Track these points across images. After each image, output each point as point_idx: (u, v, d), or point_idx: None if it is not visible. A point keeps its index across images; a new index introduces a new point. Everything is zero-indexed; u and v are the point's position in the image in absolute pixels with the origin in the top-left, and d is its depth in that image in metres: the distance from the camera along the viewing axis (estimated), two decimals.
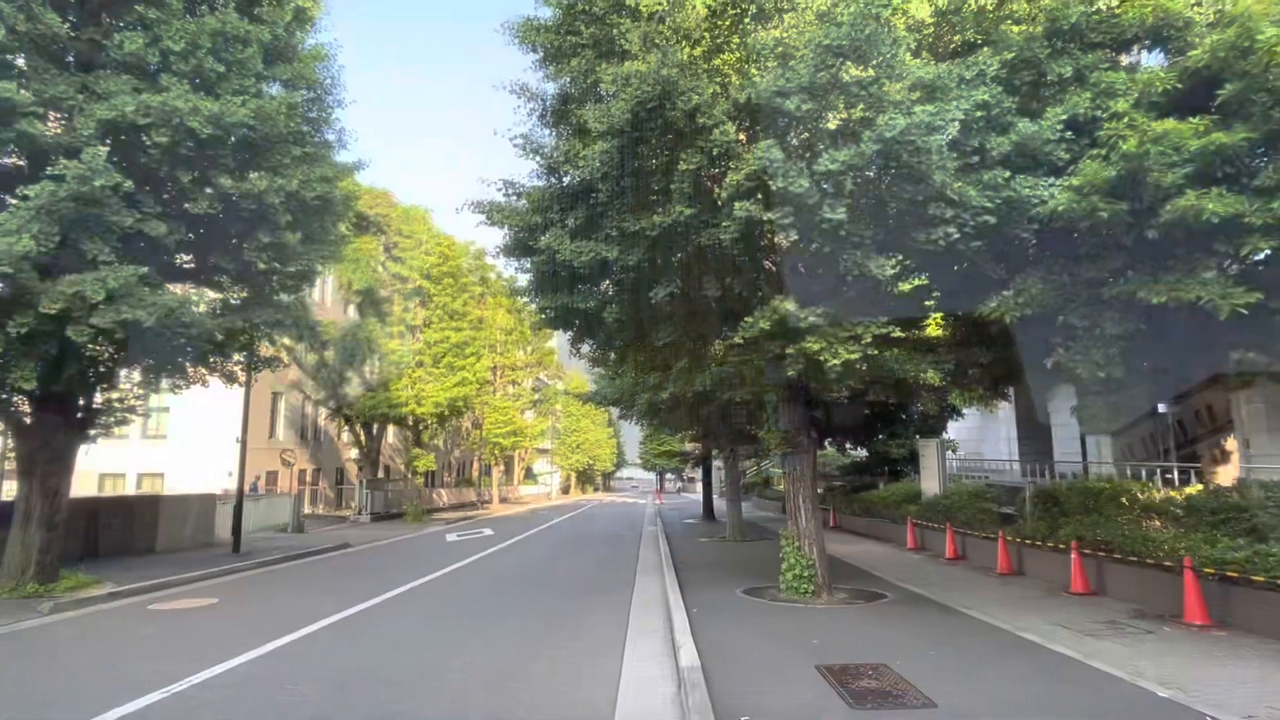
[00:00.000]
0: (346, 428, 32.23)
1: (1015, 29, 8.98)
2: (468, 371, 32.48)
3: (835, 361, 8.19)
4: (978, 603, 10.15)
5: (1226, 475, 10.09)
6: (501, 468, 53.11)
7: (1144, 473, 13.74)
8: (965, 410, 24.03)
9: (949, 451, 21.54)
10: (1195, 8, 8.86)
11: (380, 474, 35.83)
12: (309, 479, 37.07)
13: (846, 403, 18.87)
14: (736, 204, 7.78)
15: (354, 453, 35.79)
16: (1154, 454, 22.37)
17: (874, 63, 7.95)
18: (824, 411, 20.32)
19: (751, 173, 7.74)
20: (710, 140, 8.05)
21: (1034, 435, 28.73)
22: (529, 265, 11.03)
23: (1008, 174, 8.20)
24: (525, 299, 12.69)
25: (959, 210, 8.09)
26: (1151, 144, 7.43)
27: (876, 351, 8.78)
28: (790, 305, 8.06)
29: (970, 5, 8.95)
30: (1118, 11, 8.99)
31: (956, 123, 7.70)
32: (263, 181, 11.40)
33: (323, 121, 13.81)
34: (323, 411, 35.31)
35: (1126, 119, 7.92)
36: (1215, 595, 8.36)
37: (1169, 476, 14.50)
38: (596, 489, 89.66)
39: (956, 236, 8.16)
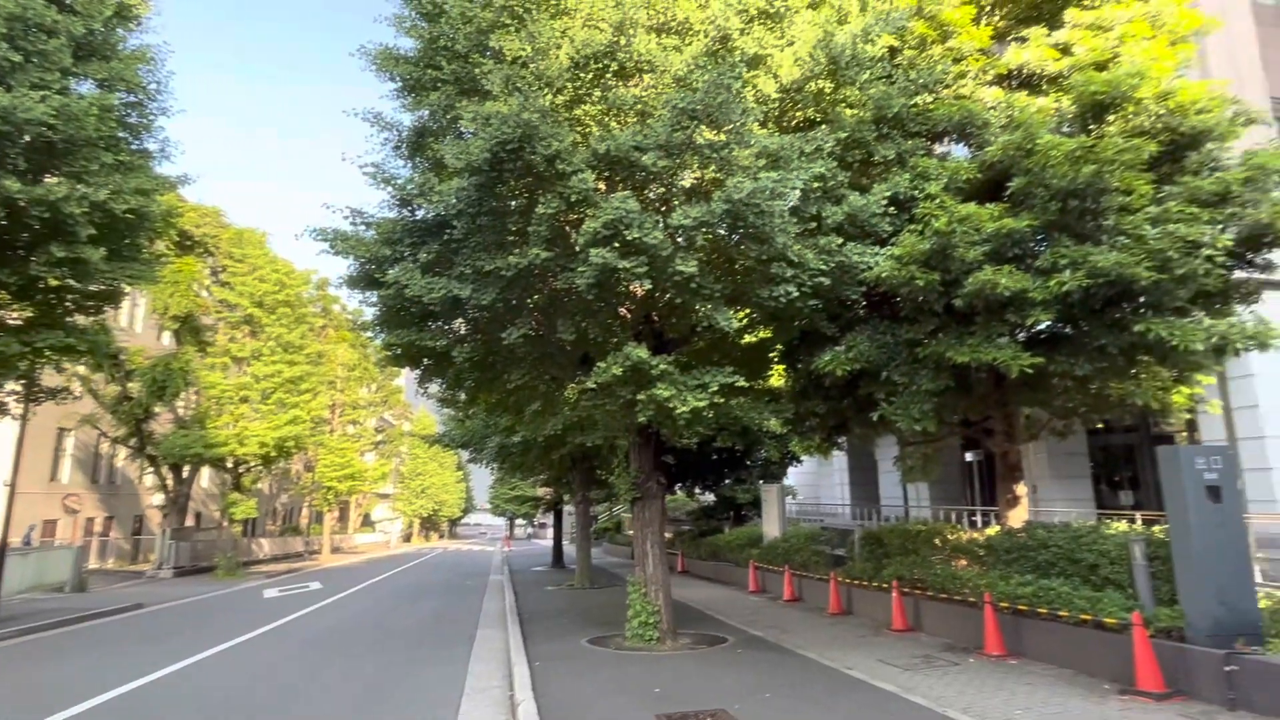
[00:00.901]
0: (151, 469, 28.48)
1: (849, 112, 9.96)
2: (301, 409, 30.03)
3: (684, 409, 8.39)
4: (811, 643, 10.61)
5: (1018, 518, 11.37)
6: (336, 514, 49.26)
7: (954, 516, 15.21)
8: (804, 457, 25.57)
9: (789, 497, 22.72)
10: (991, 111, 10.29)
11: (190, 522, 31.91)
12: (99, 528, 32.26)
13: (696, 448, 19.44)
14: (593, 250, 7.87)
15: (158, 498, 31.68)
16: (963, 498, 24.92)
17: (726, 129, 8.46)
18: (675, 456, 20.79)
19: (609, 221, 7.88)
20: (569, 186, 8.13)
21: (864, 480, 31.09)
22: (375, 299, 10.46)
23: (840, 241, 8.97)
24: (370, 334, 12.00)
25: (798, 271, 8.71)
26: (958, 223, 8.45)
27: (723, 400, 9.11)
28: (642, 352, 8.20)
29: (811, 87, 9.81)
30: (931, 107, 10.24)
31: (797, 190, 8.35)
32: (61, 188, 10.05)
33: (143, 128, 12.51)
34: (122, 451, 31.09)
35: (938, 200, 8.97)
36: (1010, 627, 9.30)
37: (974, 519, 16.16)
38: (442, 536, 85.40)
39: (796, 295, 8.75)
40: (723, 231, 8.73)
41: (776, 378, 14.66)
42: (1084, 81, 9.29)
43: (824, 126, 9.98)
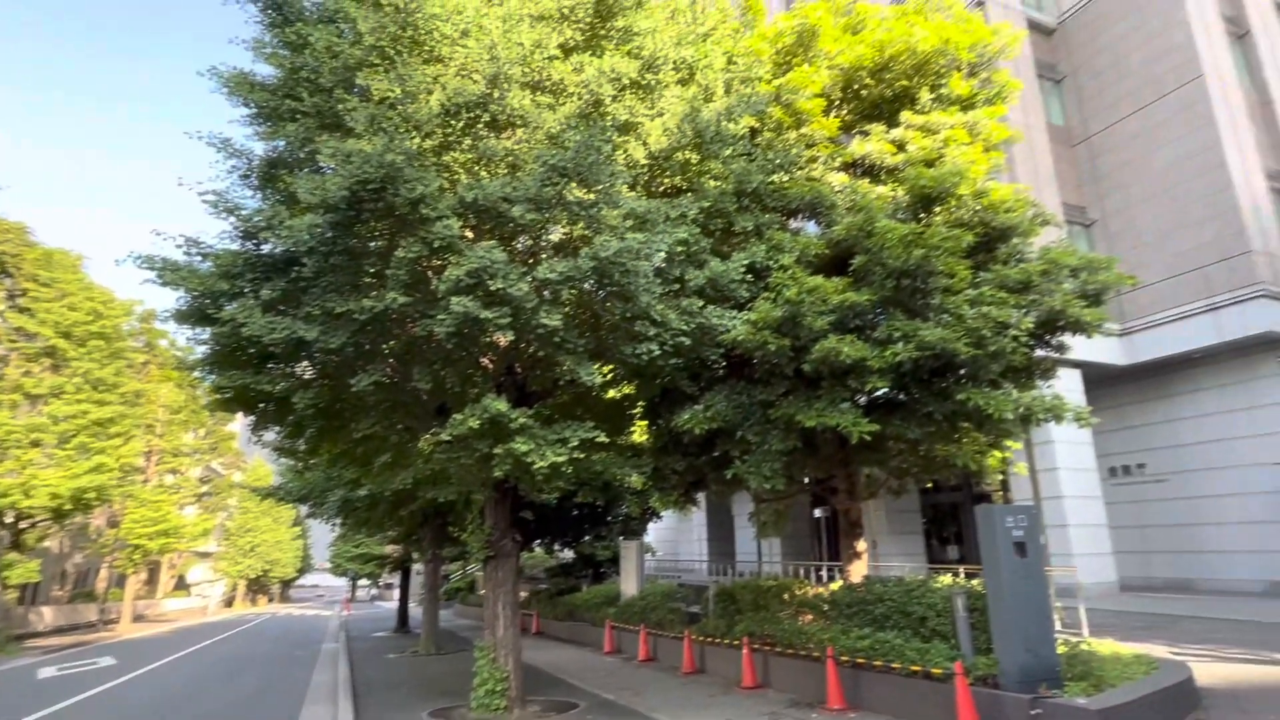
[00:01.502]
0: None
1: (712, 183, 10.51)
2: (109, 456, 26.49)
3: (543, 464, 8.20)
4: (663, 704, 10.47)
5: (858, 572, 12.00)
6: (143, 577, 43.38)
7: (802, 571, 15.82)
8: (664, 513, 25.82)
9: (648, 554, 22.74)
10: (838, 194, 11.25)
11: None
12: None
13: (556, 504, 19.04)
14: (454, 298, 7.63)
15: None
16: (813, 553, 26.08)
17: (596, 188, 8.63)
18: (534, 512, 20.24)
19: (473, 270, 7.70)
20: (433, 232, 7.89)
21: (721, 536, 31.81)
22: (208, 336, 9.51)
23: (702, 303, 9.31)
24: (200, 374, 10.84)
25: (661, 330, 8.91)
26: (806, 294, 9.05)
27: (584, 455, 9.00)
28: (501, 405, 7.97)
29: (678, 156, 10.28)
30: (786, 186, 11.04)
31: (662, 253, 8.60)
32: None
33: None
34: None
35: (790, 271, 9.59)
36: (850, 681, 9.67)
37: (820, 574, 16.90)
38: (272, 599, 77.39)
39: (658, 353, 8.93)
40: (589, 287, 8.80)
41: (639, 434, 14.79)
42: (915, 175, 10.42)
43: (689, 194, 10.46)
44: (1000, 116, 12.64)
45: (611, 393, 12.87)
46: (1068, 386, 17.71)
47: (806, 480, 13.05)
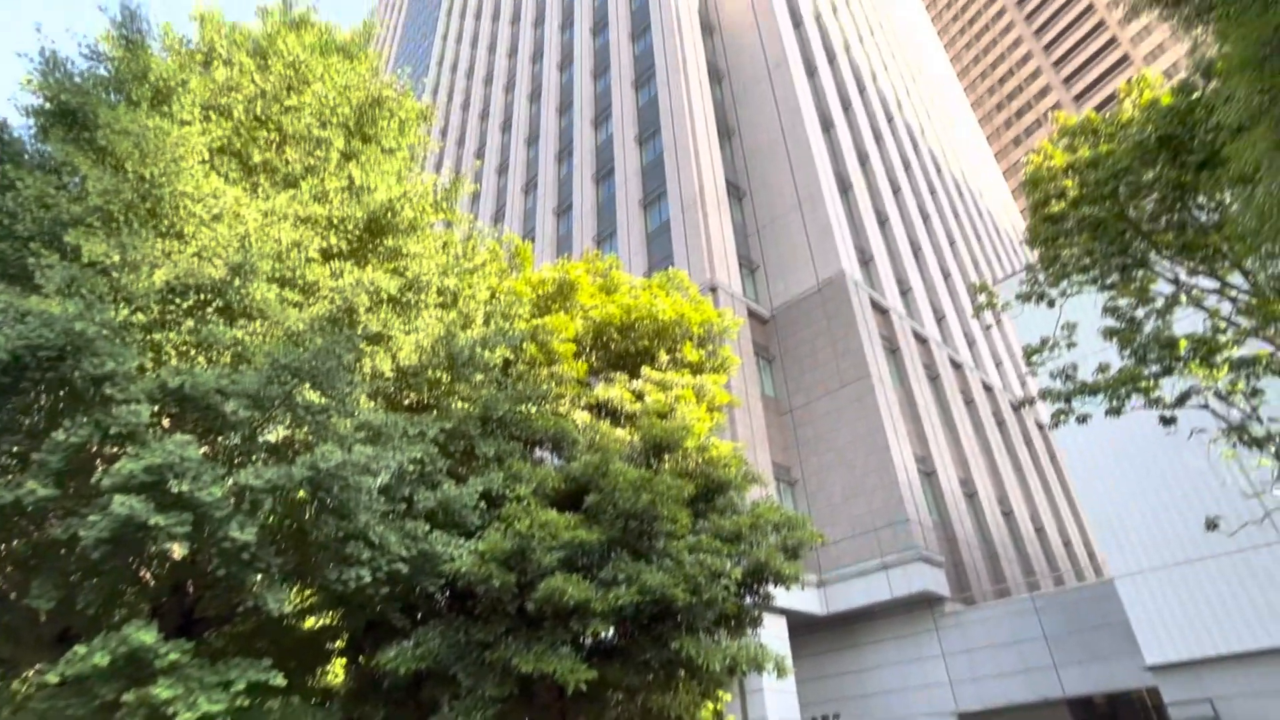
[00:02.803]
0: None
1: (459, 405, 10.53)
2: None
3: (189, 715, 6.56)
4: None
5: None
6: None
7: None
8: None
9: None
10: (581, 432, 11.83)
11: None
12: None
13: None
14: (119, 496, 6.37)
15: None
16: None
17: (332, 394, 8.17)
18: None
19: (156, 466, 6.58)
20: (113, 416, 6.74)
21: None
22: None
23: (428, 527, 8.77)
24: None
25: (377, 554, 8.12)
26: (539, 528, 8.98)
27: (250, 702, 7.40)
28: (148, 636, 6.44)
29: (428, 374, 10.26)
30: (534, 418, 11.40)
31: (392, 469, 8.13)
32: None
33: None
34: None
35: (525, 502, 9.54)
36: None
37: None
38: None
39: (368, 580, 8.04)
40: (300, 498, 7.91)
41: (336, 673, 12.70)
42: (650, 424, 11.40)
43: (434, 412, 10.32)
44: (723, 383, 14.68)
45: (310, 621, 11.15)
46: (774, 634, 18.96)
47: None
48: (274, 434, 8.62)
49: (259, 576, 7.66)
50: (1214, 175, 8.63)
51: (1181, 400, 10.28)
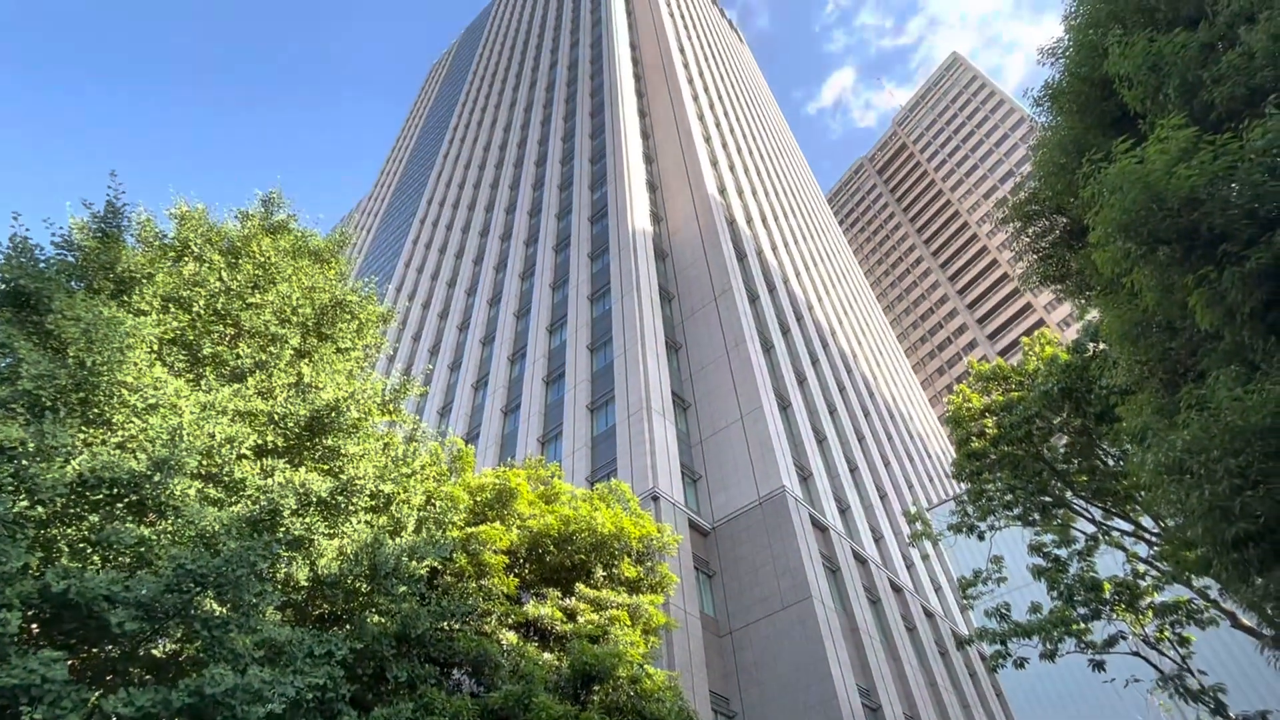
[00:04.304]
0: None
1: (375, 619, 9.73)
2: None
3: None
4: None
5: None
6: None
7: None
8: None
9: None
10: (506, 654, 10.97)
11: None
12: None
13: None
14: None
15: None
16: None
17: (237, 605, 7.51)
18: None
19: (8, 687, 5.77)
20: None
21: None
22: None
23: None
24: None
25: None
26: None
27: None
28: None
29: (347, 583, 9.59)
30: (456, 637, 10.59)
31: (287, 698, 7.28)
32: None
33: None
34: None
35: None
36: None
37: None
38: None
39: None
40: None
41: None
42: (580, 650, 10.68)
43: (346, 627, 9.51)
44: (661, 604, 14.08)
45: None
46: None
47: None
48: (160, 648, 7.77)
49: None
50: (1113, 428, 9.43)
51: (1110, 644, 10.28)
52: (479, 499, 12.91)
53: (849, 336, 49.33)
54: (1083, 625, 10.43)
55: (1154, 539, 11.10)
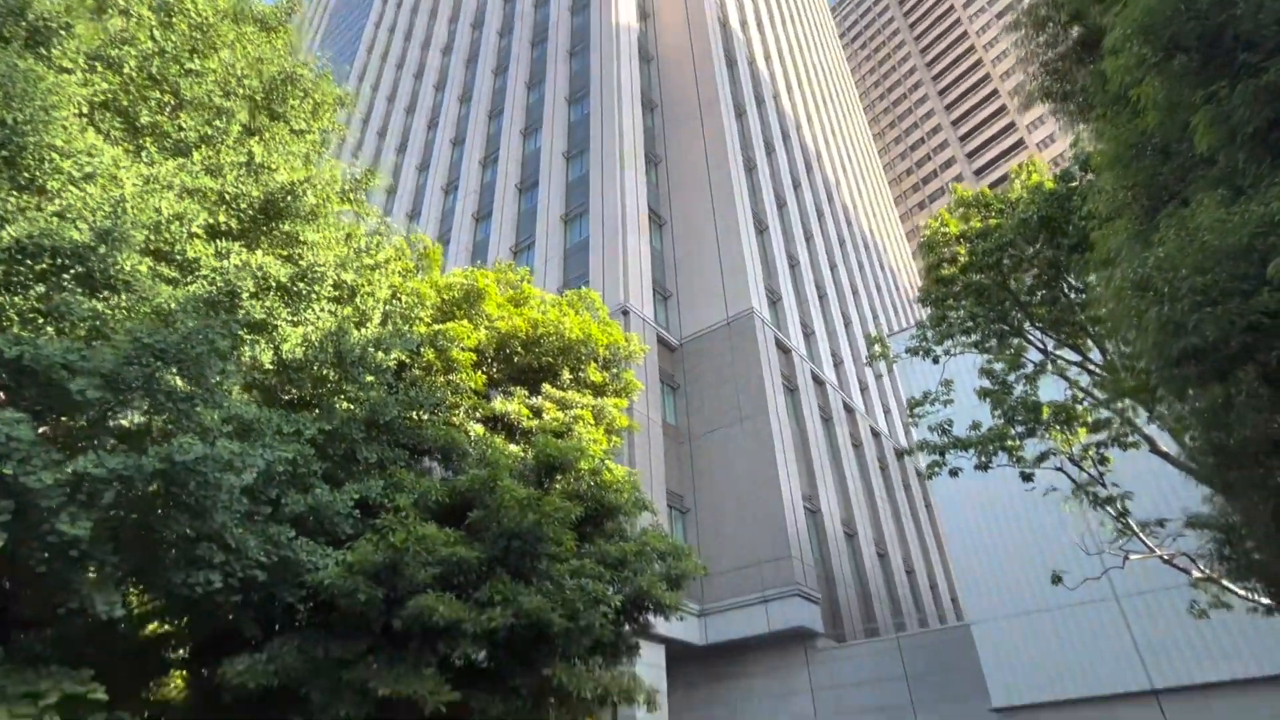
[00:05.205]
0: None
1: (344, 405, 9.96)
2: None
3: None
4: None
5: None
6: None
7: None
8: None
9: None
10: (473, 444, 11.48)
11: None
12: None
13: None
14: None
15: None
16: None
17: (200, 382, 7.55)
18: None
19: None
20: None
21: None
22: None
23: (293, 533, 8.20)
24: None
25: (231, 557, 7.52)
26: (415, 541, 8.58)
27: (64, 717, 6.62)
28: None
29: (314, 370, 9.68)
30: (424, 426, 10.97)
31: (259, 468, 7.58)
32: None
33: None
34: None
35: (404, 514, 9.11)
36: None
37: None
38: None
39: (219, 586, 7.42)
40: (149, 493, 7.22)
41: (176, 686, 11.63)
42: (544, 443, 11.19)
43: (316, 411, 9.74)
44: (624, 408, 14.67)
45: (152, 627, 10.18)
46: (652, 661, 18.92)
47: None
48: (129, 419, 7.89)
49: (90, 575, 6.91)
50: (1084, 258, 9.45)
51: (1041, 460, 11.12)
52: (446, 297, 12.83)
53: (834, 161, 47.73)
54: (1016, 442, 11.19)
55: (1096, 370, 11.64)
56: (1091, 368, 11.78)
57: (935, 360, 12.91)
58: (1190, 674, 14.13)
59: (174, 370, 7.30)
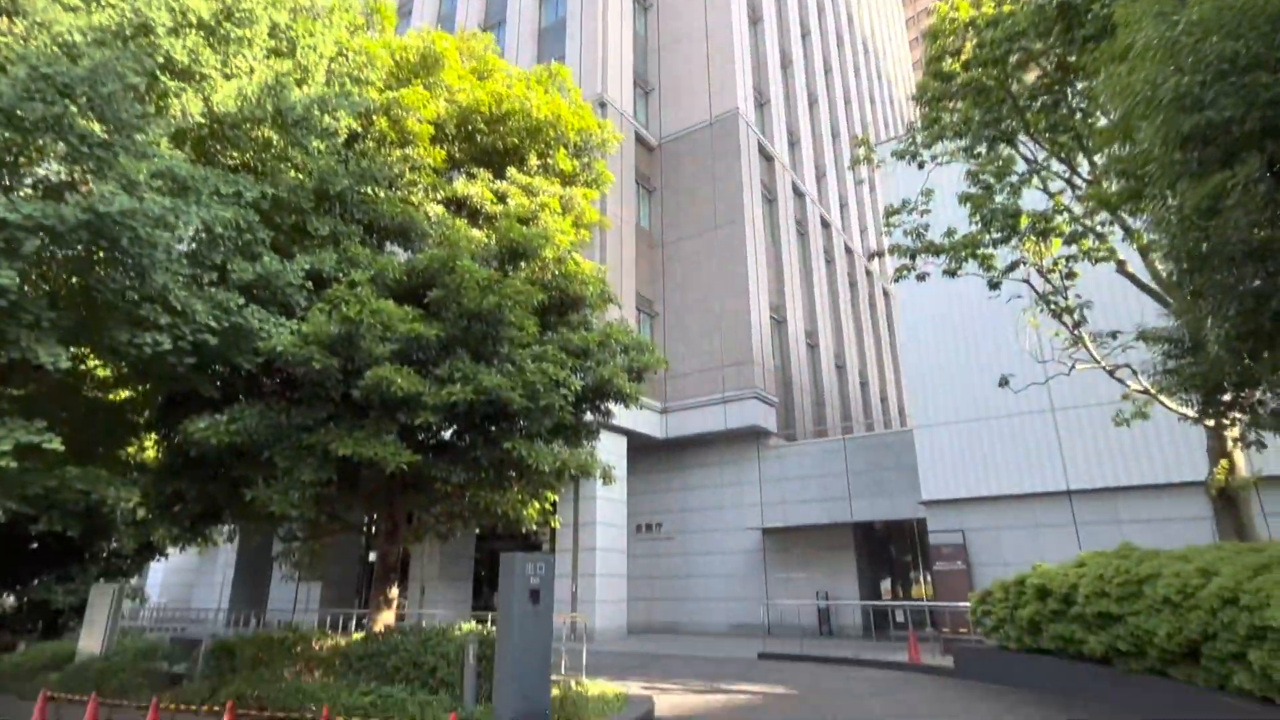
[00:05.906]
0: None
1: (292, 174, 9.28)
2: None
3: None
4: None
5: (385, 621, 11.25)
6: None
7: (328, 620, 14.35)
8: (181, 552, 21.37)
9: (134, 600, 18.38)
10: (433, 225, 10.97)
11: None
12: None
13: (3, 532, 14.31)
14: None
15: None
16: (357, 600, 24.18)
17: (116, 126, 6.81)
18: None
19: None
20: None
21: (251, 581, 27.63)
22: None
23: (243, 301, 7.93)
24: None
25: (178, 321, 7.28)
26: (370, 314, 8.40)
27: (19, 465, 6.71)
28: None
29: (254, 131, 8.86)
30: (379, 201, 10.36)
31: (195, 227, 7.10)
32: None
33: None
34: None
35: (359, 288, 8.84)
36: None
37: (350, 624, 15.58)
38: None
39: (169, 348, 7.25)
40: (77, 249, 6.78)
41: (147, 449, 11.97)
42: (508, 228, 10.74)
43: (263, 176, 9.07)
44: (595, 200, 14.05)
45: (124, 392, 10.22)
46: (614, 450, 20.06)
47: (351, 520, 11.99)
48: (44, 170, 7.20)
49: (28, 331, 6.66)
50: (1097, 49, 8.67)
51: (1010, 269, 11.08)
52: (400, 59, 11.57)
53: None
54: (991, 251, 11.05)
55: (1082, 181, 11.26)
56: (1077, 181, 11.39)
57: (921, 165, 12.35)
58: (1105, 479, 15.40)
59: (84, 108, 6.54)
